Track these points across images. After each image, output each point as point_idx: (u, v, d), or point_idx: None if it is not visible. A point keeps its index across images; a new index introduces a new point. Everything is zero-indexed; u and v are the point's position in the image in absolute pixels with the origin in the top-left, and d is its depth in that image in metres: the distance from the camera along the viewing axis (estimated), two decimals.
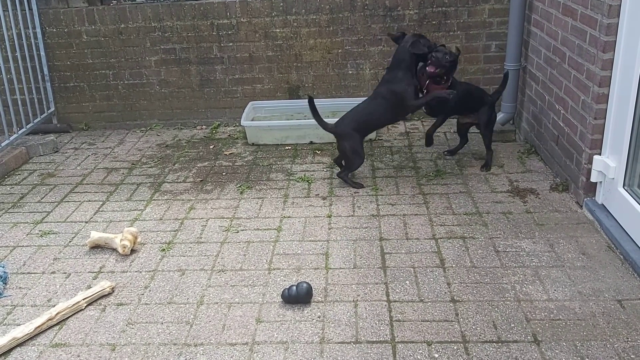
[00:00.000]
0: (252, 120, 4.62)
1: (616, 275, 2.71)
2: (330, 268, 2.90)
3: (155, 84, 4.82)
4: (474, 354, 2.30)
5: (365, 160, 4.09)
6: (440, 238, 3.10)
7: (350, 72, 4.70)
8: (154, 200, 3.69)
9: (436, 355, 2.31)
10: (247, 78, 4.77)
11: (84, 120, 4.96)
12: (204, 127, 4.91)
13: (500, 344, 2.35)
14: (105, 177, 4.05)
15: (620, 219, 3.00)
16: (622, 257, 2.83)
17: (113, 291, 2.80)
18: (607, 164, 3.05)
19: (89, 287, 2.82)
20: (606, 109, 3.06)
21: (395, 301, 2.63)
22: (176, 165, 4.20)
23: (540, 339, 2.35)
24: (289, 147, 4.40)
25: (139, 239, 3.14)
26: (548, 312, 2.50)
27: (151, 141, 4.67)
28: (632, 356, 2.24)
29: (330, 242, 3.13)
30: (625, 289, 2.62)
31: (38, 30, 4.64)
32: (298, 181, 3.84)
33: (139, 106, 4.90)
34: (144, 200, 3.69)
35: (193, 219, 3.44)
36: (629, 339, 2.33)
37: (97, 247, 3.17)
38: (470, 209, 3.38)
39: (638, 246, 2.80)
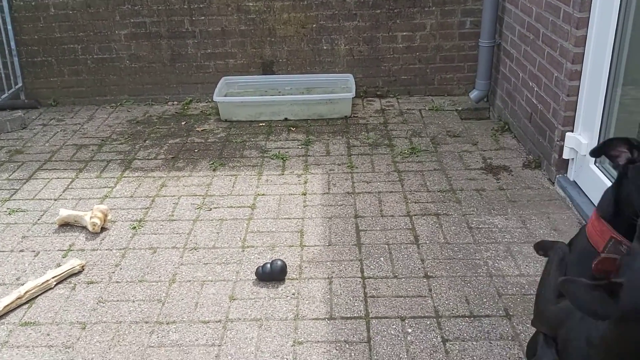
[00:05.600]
0: (224, 96, 4.55)
1: None
2: (305, 245, 2.89)
3: (125, 59, 4.71)
4: (447, 328, 2.32)
5: (340, 137, 4.08)
6: (415, 215, 3.11)
7: (324, 47, 4.65)
8: (125, 177, 3.62)
9: (409, 330, 2.32)
10: (220, 53, 4.68)
11: (53, 96, 4.83)
12: (175, 102, 4.82)
13: (472, 318, 2.37)
14: (74, 154, 3.96)
15: (592, 196, 3.03)
16: None
17: (83, 269, 2.75)
18: (579, 141, 3.08)
19: (59, 265, 2.76)
20: (579, 86, 3.08)
21: (369, 277, 2.64)
22: (147, 141, 4.12)
23: (511, 314, 2.38)
24: (263, 124, 4.35)
25: (109, 217, 3.08)
26: (520, 287, 2.53)
27: (121, 117, 4.58)
28: None
29: (305, 219, 3.11)
30: None
31: (5, 3, 4.47)
32: (272, 158, 3.81)
33: (108, 81, 4.79)
34: (114, 178, 3.62)
35: (165, 196, 3.39)
36: None
37: (67, 225, 3.10)
38: (444, 186, 3.39)
39: None
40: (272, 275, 2.61)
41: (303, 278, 2.65)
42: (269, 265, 2.62)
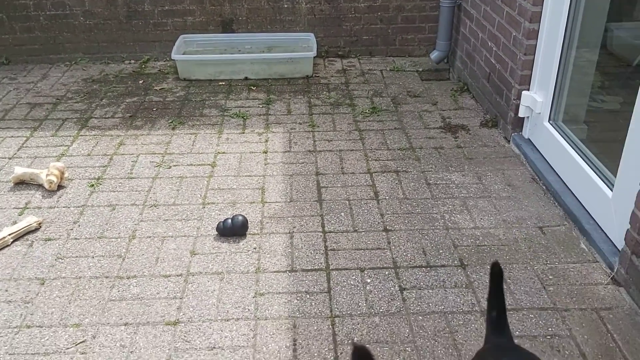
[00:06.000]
0: (183, 54, 4.46)
1: (539, 205, 2.85)
2: (266, 202, 2.90)
3: (79, 15, 4.55)
4: (404, 278, 2.39)
5: (301, 97, 4.08)
6: (375, 172, 3.15)
7: (285, 5, 4.58)
8: (81, 135, 3.55)
9: (368, 280, 2.38)
10: (178, 10, 4.57)
11: (4, 54, 4.65)
12: (132, 61, 4.71)
13: (429, 268, 2.44)
14: (28, 113, 3.84)
15: (545, 152, 3.13)
16: (544, 187, 2.97)
17: (40, 227, 2.71)
18: (535, 99, 3.15)
19: (15, 223, 2.71)
20: (536, 45, 3.13)
21: (330, 232, 2.68)
22: (104, 100, 4.03)
23: (466, 263, 2.46)
24: (223, 83, 4.30)
25: (66, 175, 3.02)
26: (474, 239, 2.61)
27: (76, 76, 4.45)
28: (549, 277, 2.39)
29: (266, 177, 3.12)
30: (547, 217, 2.76)
31: None
32: (233, 117, 3.78)
33: (62, 39, 4.63)
34: (70, 136, 3.54)
35: (123, 154, 3.34)
36: (548, 262, 2.47)
37: (22, 183, 3.03)
38: (404, 144, 3.44)
39: (560, 177, 2.94)
40: (233, 230, 2.63)
41: (264, 233, 2.67)
42: (229, 221, 2.63)
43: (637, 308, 2.21)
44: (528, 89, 3.24)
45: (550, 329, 2.14)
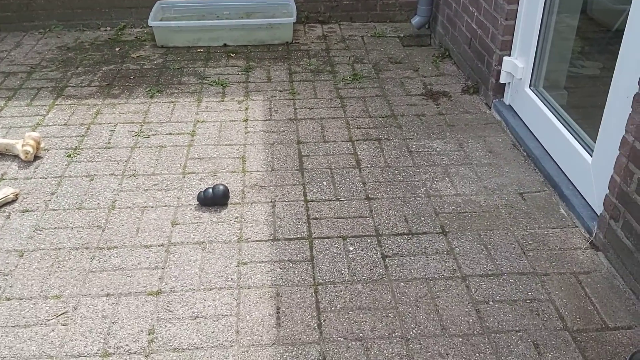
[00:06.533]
0: (160, 20, 4.36)
1: (519, 171, 2.87)
2: (248, 171, 2.88)
3: None
4: (386, 245, 2.40)
5: (281, 64, 4.02)
6: (357, 140, 3.14)
7: None
8: (57, 105, 3.47)
9: (351, 248, 2.38)
10: None
11: None
12: (108, 28, 4.59)
13: (410, 235, 2.45)
14: (2, 82, 3.74)
15: (526, 118, 3.13)
16: (525, 154, 2.99)
17: (17, 198, 2.66)
18: (516, 65, 3.14)
19: None
20: (517, 10, 3.11)
21: (312, 201, 2.67)
22: (79, 68, 3.94)
23: (447, 230, 2.48)
24: (201, 50, 4.22)
25: (42, 145, 2.96)
26: (455, 206, 2.63)
27: (51, 44, 4.33)
28: (529, 242, 2.41)
29: (247, 145, 3.09)
30: (527, 183, 2.78)
31: None
32: (212, 85, 3.72)
33: (35, 5, 4.49)
34: (45, 106, 3.46)
35: (100, 124, 3.28)
36: (528, 227, 2.49)
37: None
38: (385, 111, 3.42)
39: (540, 143, 2.95)
40: (214, 199, 2.61)
41: (246, 202, 2.66)
42: (210, 190, 2.61)
43: (614, 272, 2.25)
44: (509, 55, 3.23)
45: (529, 293, 2.17)
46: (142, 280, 2.23)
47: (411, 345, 1.96)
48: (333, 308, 2.11)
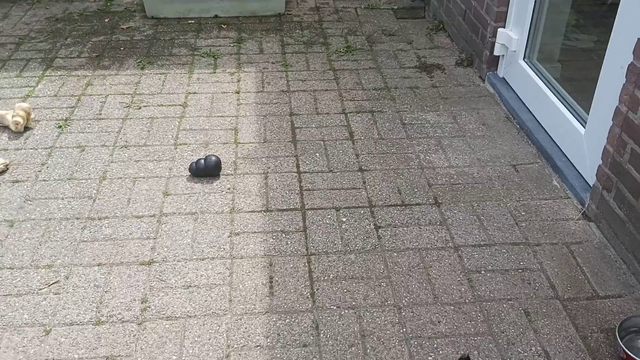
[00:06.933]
0: None
1: (512, 143, 2.86)
2: (240, 142, 2.86)
3: None
4: (379, 216, 2.40)
5: (274, 35, 3.97)
6: (350, 112, 3.12)
7: None
8: (47, 76, 3.42)
9: (344, 219, 2.38)
10: None
11: None
12: None
13: (403, 207, 2.45)
14: None
15: (519, 91, 3.12)
16: (518, 126, 2.98)
17: (7, 169, 2.63)
18: (510, 37, 3.11)
19: None
20: None
21: (305, 172, 2.66)
22: (68, 39, 3.88)
23: (440, 202, 2.48)
24: (192, 21, 4.16)
25: (32, 116, 2.93)
26: (449, 178, 2.63)
27: (39, 14, 4.26)
28: (522, 213, 2.42)
29: (239, 117, 3.06)
30: (520, 155, 2.78)
31: None
32: (203, 56, 3.67)
33: None
34: (35, 77, 3.41)
35: (91, 95, 3.23)
36: (521, 199, 2.50)
37: None
38: (379, 84, 3.39)
39: (533, 115, 2.94)
40: (206, 170, 2.59)
41: (238, 173, 2.64)
42: (202, 161, 2.59)
43: (606, 242, 2.27)
44: (504, 26, 3.20)
45: (521, 263, 2.18)
46: (134, 250, 2.22)
47: (403, 313, 1.97)
48: (326, 277, 2.11)
